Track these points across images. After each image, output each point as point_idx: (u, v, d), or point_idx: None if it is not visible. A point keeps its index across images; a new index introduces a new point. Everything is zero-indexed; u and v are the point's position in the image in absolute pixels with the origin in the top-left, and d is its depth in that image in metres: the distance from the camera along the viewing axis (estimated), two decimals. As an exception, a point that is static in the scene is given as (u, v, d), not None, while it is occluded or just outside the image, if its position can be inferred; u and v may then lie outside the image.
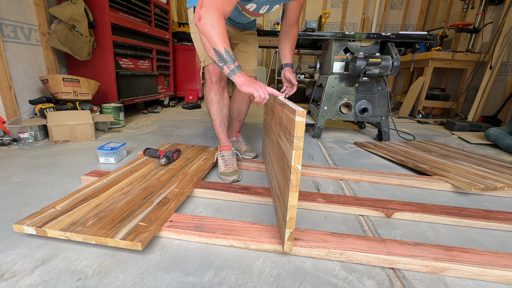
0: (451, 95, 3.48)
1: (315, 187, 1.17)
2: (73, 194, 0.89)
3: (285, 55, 1.34)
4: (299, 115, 0.59)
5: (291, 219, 0.65)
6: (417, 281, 0.64)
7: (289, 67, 1.35)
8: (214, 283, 0.61)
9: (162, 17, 3.12)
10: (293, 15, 1.26)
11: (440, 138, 2.24)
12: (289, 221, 0.65)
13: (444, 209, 0.95)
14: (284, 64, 1.35)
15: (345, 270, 0.67)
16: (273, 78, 5.20)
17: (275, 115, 0.92)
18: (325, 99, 2.00)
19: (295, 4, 1.22)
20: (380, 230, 0.86)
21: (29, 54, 1.94)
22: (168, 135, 1.99)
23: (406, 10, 4.65)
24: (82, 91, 1.99)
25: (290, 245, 0.68)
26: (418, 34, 1.83)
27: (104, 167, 1.31)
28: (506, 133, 1.95)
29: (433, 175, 1.27)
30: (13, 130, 1.63)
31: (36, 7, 1.95)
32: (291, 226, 0.66)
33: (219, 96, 1.26)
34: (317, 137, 2.08)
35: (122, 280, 0.61)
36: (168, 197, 0.92)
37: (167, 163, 1.24)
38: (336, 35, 1.88)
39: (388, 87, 1.95)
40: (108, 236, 0.68)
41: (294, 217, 0.65)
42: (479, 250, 0.71)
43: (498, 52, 2.77)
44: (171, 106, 3.57)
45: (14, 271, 0.63)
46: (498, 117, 2.66)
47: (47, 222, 0.72)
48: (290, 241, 0.68)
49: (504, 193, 1.14)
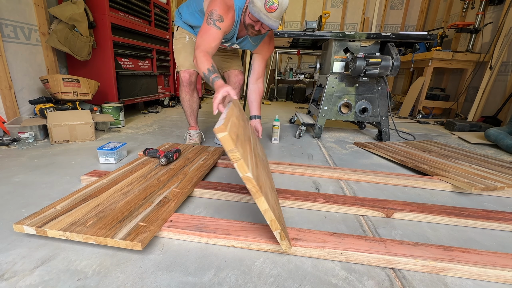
0: (451, 95, 3.48)
1: (315, 187, 1.17)
2: (73, 194, 0.89)
3: (254, 107, 1.62)
4: (219, 132, 0.59)
5: (272, 221, 0.65)
6: (417, 281, 0.64)
7: (258, 119, 1.61)
8: (214, 283, 0.61)
9: (162, 17, 3.12)
10: (258, 67, 1.57)
11: (440, 138, 2.24)
12: (271, 223, 0.65)
13: (444, 209, 0.95)
14: (253, 115, 1.63)
15: (345, 270, 0.67)
16: (273, 78, 5.20)
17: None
18: (325, 99, 2.00)
19: (259, 57, 1.55)
20: (380, 230, 0.86)
21: (29, 54, 1.94)
22: (168, 135, 1.99)
23: (406, 10, 4.65)
24: (82, 91, 1.99)
25: (285, 244, 0.68)
26: (418, 34, 1.83)
27: (104, 167, 1.31)
28: (506, 133, 1.95)
29: (433, 175, 1.27)
30: (13, 130, 1.63)
31: (36, 7, 1.95)
32: (276, 228, 0.65)
33: (189, 96, 1.63)
34: (317, 137, 2.08)
35: (122, 280, 0.61)
36: (168, 197, 0.92)
37: (167, 163, 1.24)
38: (336, 35, 1.88)
39: (388, 87, 1.95)
40: (108, 236, 0.68)
41: (274, 219, 0.64)
42: (479, 250, 0.71)
43: (498, 52, 2.77)
44: (171, 106, 3.57)
45: (14, 271, 0.63)
46: (498, 117, 2.66)
47: (47, 222, 0.72)
48: (283, 240, 0.67)
49: (504, 193, 1.14)
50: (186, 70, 1.56)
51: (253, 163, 0.73)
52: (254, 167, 0.71)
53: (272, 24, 1.22)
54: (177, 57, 1.59)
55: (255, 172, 0.68)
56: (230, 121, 0.69)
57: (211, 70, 1.20)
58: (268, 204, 0.63)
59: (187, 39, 1.57)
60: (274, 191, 0.89)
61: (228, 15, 1.28)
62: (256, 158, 0.89)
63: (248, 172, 0.60)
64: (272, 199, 0.74)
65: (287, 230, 0.74)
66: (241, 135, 0.76)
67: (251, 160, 0.72)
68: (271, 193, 0.78)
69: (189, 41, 1.58)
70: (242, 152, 0.63)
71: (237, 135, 0.70)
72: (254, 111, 1.60)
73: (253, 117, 1.61)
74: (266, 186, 0.76)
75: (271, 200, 0.70)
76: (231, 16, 1.29)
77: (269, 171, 1.05)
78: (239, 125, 0.84)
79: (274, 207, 0.70)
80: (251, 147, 0.87)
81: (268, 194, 0.71)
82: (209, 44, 1.26)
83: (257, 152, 1.01)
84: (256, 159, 0.85)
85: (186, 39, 1.57)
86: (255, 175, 0.66)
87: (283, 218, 0.79)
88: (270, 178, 0.95)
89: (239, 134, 0.73)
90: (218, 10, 1.24)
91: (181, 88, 1.61)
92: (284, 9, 1.22)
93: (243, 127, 0.92)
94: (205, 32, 1.26)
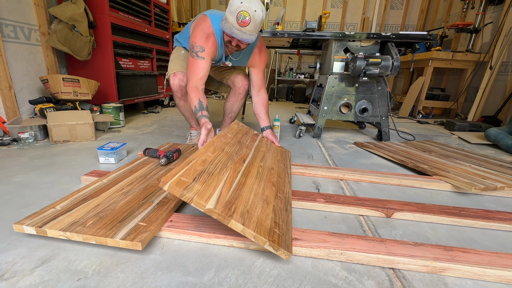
0: (451, 95, 3.48)
1: (315, 187, 1.17)
2: (73, 194, 0.89)
3: (262, 118, 1.59)
4: (162, 184, 0.64)
5: (256, 237, 0.65)
6: (417, 281, 0.64)
7: (269, 129, 1.58)
8: (214, 283, 0.61)
9: (162, 17, 3.12)
10: (257, 79, 1.57)
11: (440, 138, 2.24)
12: (256, 239, 0.65)
13: (444, 209, 0.95)
14: (263, 127, 1.59)
15: (345, 270, 0.67)
16: (273, 78, 5.21)
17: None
18: (325, 99, 2.00)
19: (255, 70, 1.55)
20: (380, 230, 0.86)
21: (29, 54, 1.94)
22: (168, 135, 1.99)
23: (406, 10, 4.65)
24: (82, 91, 1.99)
25: (283, 253, 0.65)
26: (418, 34, 1.83)
27: (104, 167, 1.31)
28: (506, 133, 1.95)
29: (433, 175, 1.27)
30: (13, 130, 1.63)
31: (36, 7, 1.95)
32: (262, 241, 0.65)
33: (183, 102, 1.62)
34: (317, 137, 2.08)
35: (122, 280, 0.61)
36: (168, 197, 0.92)
37: (167, 163, 1.24)
38: (336, 35, 1.88)
39: (388, 87, 1.95)
40: (108, 236, 0.68)
41: (255, 234, 0.64)
42: (479, 250, 0.71)
43: (498, 52, 2.77)
44: (171, 106, 3.57)
45: (14, 271, 0.63)
46: (498, 117, 2.66)
47: (47, 222, 0.72)
48: (279, 250, 0.65)
49: (504, 193, 1.14)
50: (176, 73, 1.53)
51: (231, 185, 0.78)
52: (232, 188, 0.76)
53: (247, 38, 1.20)
54: (169, 66, 1.61)
55: (229, 194, 0.72)
56: (186, 168, 0.75)
57: (197, 108, 1.27)
58: (244, 223, 0.64)
59: (182, 52, 1.62)
60: (280, 197, 0.88)
61: (209, 43, 1.31)
62: (249, 174, 0.92)
63: (206, 205, 0.63)
64: (259, 210, 0.74)
65: (291, 232, 0.73)
66: (212, 166, 0.83)
67: (226, 184, 0.77)
68: (264, 204, 0.78)
69: (184, 53, 1.62)
70: (201, 188, 0.68)
71: (200, 171, 0.77)
72: (263, 123, 1.57)
73: (263, 129, 1.57)
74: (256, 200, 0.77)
75: (256, 212, 0.71)
76: (212, 42, 1.33)
77: (283, 177, 1.06)
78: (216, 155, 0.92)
79: (262, 219, 0.70)
80: (239, 168, 0.92)
81: (252, 209, 0.72)
82: (197, 76, 1.32)
83: (258, 165, 1.03)
84: (246, 177, 0.88)
85: (181, 52, 1.63)
86: (226, 200, 0.69)
87: (290, 219, 0.78)
88: (276, 186, 0.95)
89: (206, 169, 0.80)
90: (198, 41, 1.30)
91: (173, 94, 1.61)
92: (258, 21, 1.18)
93: (227, 153, 0.99)
94: (192, 65, 1.32)
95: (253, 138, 1.35)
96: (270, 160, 1.17)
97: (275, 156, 1.26)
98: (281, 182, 0.99)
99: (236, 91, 1.71)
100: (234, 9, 1.15)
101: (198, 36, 1.30)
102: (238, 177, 0.86)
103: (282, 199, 0.86)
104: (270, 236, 0.65)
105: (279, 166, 1.15)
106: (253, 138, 1.35)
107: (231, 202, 0.70)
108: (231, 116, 1.79)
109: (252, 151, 1.16)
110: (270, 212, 0.75)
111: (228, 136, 1.18)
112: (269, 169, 1.06)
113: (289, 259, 0.70)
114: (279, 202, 0.83)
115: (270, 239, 0.64)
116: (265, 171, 1.01)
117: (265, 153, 1.22)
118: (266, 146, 1.35)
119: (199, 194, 0.66)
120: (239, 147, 1.11)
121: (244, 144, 1.18)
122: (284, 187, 0.97)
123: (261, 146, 1.30)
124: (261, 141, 1.38)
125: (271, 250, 0.64)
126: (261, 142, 1.36)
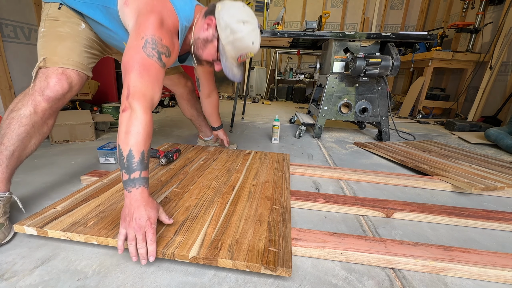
0: (451, 95, 3.49)
1: (315, 187, 1.17)
2: (73, 194, 0.89)
3: (214, 119, 1.53)
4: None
5: (249, 266, 0.61)
6: (417, 281, 0.64)
7: (220, 129, 1.56)
8: (214, 283, 0.61)
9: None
10: (207, 81, 1.39)
11: (440, 138, 2.24)
12: (249, 268, 0.62)
13: (444, 209, 0.95)
14: (212, 127, 1.58)
15: (345, 270, 0.67)
16: (273, 78, 5.21)
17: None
18: (325, 99, 2.00)
19: (203, 70, 1.35)
20: (380, 230, 0.86)
21: (29, 54, 1.94)
22: (168, 135, 1.99)
23: (406, 10, 4.65)
24: (82, 91, 1.99)
25: (283, 271, 0.60)
26: (418, 34, 1.83)
27: (104, 167, 1.31)
28: (506, 133, 1.95)
29: (433, 175, 1.27)
30: (13, 130, 1.63)
31: (36, 7, 1.95)
32: (257, 269, 0.61)
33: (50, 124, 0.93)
34: (317, 137, 2.08)
35: (122, 280, 0.61)
36: (169, 197, 0.92)
37: (167, 163, 1.24)
38: (336, 35, 1.88)
39: (388, 87, 1.95)
40: (110, 236, 0.68)
41: (247, 264, 0.61)
42: (479, 250, 0.71)
43: (498, 52, 2.77)
44: (171, 106, 3.57)
45: (14, 271, 0.63)
46: (498, 117, 2.66)
47: (48, 222, 0.72)
48: (276, 271, 0.60)
49: (504, 193, 1.14)
50: (66, 70, 0.88)
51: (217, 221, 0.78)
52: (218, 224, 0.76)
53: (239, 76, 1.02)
54: (45, 45, 0.89)
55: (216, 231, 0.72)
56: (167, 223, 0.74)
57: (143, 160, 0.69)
58: (232, 256, 0.62)
59: (83, 27, 0.95)
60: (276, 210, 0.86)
61: (175, 48, 0.88)
62: (240, 199, 0.93)
63: (190, 254, 0.63)
64: (251, 234, 0.72)
65: (290, 244, 0.68)
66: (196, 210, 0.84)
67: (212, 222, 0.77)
68: (256, 224, 0.77)
69: (84, 30, 0.95)
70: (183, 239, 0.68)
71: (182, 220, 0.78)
72: (214, 123, 1.54)
73: (215, 129, 1.56)
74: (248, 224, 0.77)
75: (247, 238, 0.70)
76: (177, 47, 0.91)
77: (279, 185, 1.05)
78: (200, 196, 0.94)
79: (254, 242, 0.68)
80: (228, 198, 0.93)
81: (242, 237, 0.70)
82: (153, 90, 0.77)
83: (250, 185, 1.05)
84: (235, 205, 0.88)
85: (82, 27, 0.94)
86: (212, 238, 0.69)
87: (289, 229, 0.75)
88: (272, 199, 0.93)
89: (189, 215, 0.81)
90: (164, 39, 0.80)
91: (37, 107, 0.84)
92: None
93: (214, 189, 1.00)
94: (146, 69, 0.76)
95: (244, 159, 1.35)
96: (264, 174, 1.16)
97: (270, 167, 1.25)
98: (277, 192, 0.99)
99: (185, 97, 1.52)
100: (240, 45, 0.93)
101: (164, 32, 0.82)
102: (226, 208, 0.86)
103: (278, 210, 0.86)
104: (265, 259, 0.62)
105: (275, 176, 1.15)
106: (244, 159, 1.35)
107: (217, 240, 0.69)
108: (202, 118, 1.62)
109: (243, 173, 1.16)
110: (264, 231, 0.73)
111: (215, 169, 1.19)
112: (263, 183, 1.06)
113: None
114: (275, 215, 0.82)
115: (264, 263, 0.61)
116: (258, 188, 1.01)
117: (258, 169, 1.22)
118: (260, 160, 1.35)
119: (180, 247, 0.65)
120: (227, 176, 1.12)
121: (234, 171, 1.18)
122: (282, 195, 0.96)
123: (254, 163, 1.29)
124: (254, 157, 1.39)
125: (270, 273, 0.61)
126: (254, 159, 1.36)
